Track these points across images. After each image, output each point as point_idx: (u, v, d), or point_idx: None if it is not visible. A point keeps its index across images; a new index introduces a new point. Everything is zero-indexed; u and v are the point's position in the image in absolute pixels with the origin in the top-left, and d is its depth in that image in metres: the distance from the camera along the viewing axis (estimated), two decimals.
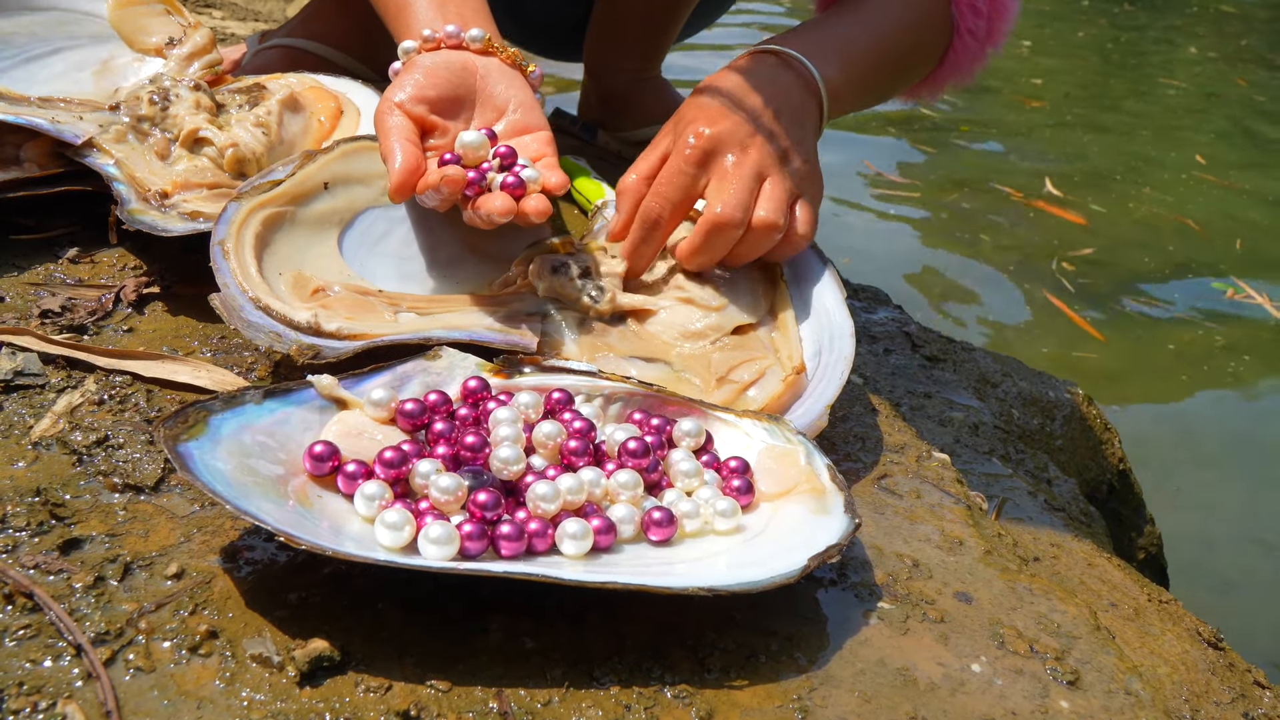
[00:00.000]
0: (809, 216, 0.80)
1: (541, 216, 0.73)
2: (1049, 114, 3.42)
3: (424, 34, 0.80)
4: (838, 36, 0.87)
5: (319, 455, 0.57)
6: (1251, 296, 2.23)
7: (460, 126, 0.80)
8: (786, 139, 0.79)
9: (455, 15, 0.82)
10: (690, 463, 0.62)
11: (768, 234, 0.77)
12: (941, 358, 1.02)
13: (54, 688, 0.47)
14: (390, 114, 0.76)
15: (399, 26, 0.84)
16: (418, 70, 0.79)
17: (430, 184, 0.72)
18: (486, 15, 0.84)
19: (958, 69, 0.97)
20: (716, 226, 0.76)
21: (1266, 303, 2.20)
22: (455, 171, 0.72)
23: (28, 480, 0.59)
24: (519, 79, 0.82)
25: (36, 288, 0.78)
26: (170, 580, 0.54)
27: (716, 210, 0.76)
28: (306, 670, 0.49)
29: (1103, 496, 1.07)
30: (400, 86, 0.78)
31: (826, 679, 0.54)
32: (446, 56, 0.80)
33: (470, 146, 0.75)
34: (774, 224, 0.77)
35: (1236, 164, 3.04)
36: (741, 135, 0.78)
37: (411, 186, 0.73)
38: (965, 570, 0.64)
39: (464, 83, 0.80)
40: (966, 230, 2.47)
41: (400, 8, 0.84)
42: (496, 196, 0.73)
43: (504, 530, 0.55)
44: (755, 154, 0.78)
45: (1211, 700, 0.67)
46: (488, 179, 0.74)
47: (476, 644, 0.53)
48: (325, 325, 0.68)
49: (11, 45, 0.94)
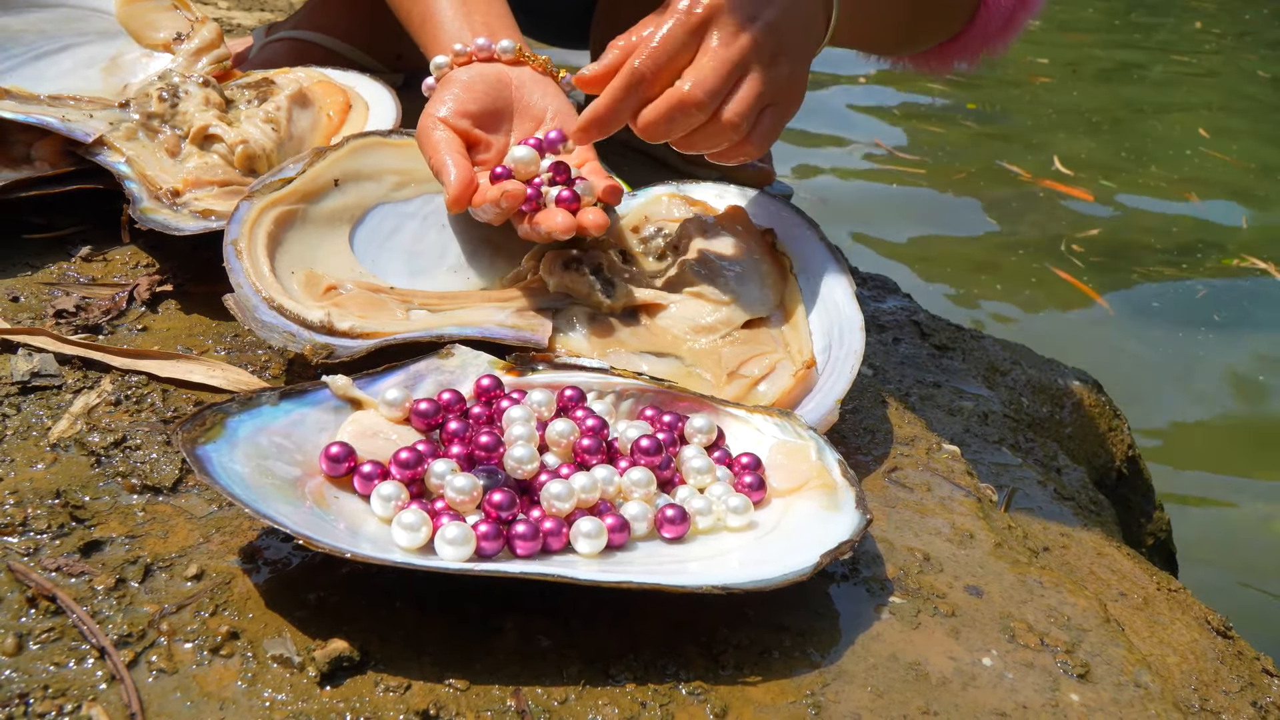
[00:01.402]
0: (770, 130, 0.74)
1: (601, 229, 0.74)
2: (1056, 90, 3.41)
3: (455, 48, 0.81)
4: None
5: (335, 456, 0.57)
6: (1256, 265, 2.23)
7: (501, 139, 0.81)
8: (783, 38, 0.74)
9: (482, 26, 0.82)
10: (702, 459, 0.63)
11: (724, 133, 0.72)
12: (950, 346, 1.02)
13: (79, 690, 0.48)
14: (435, 129, 0.77)
15: (426, 40, 0.84)
16: (455, 85, 0.79)
17: (490, 199, 0.73)
18: (512, 23, 0.84)
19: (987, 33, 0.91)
20: (682, 105, 0.71)
21: (1274, 269, 2.20)
22: (515, 187, 0.73)
23: (47, 482, 0.60)
24: (552, 86, 0.83)
25: (50, 287, 0.79)
26: (190, 581, 0.55)
27: (685, 88, 0.70)
28: (327, 670, 0.50)
29: (1112, 483, 1.08)
30: (441, 102, 0.79)
31: (839, 674, 0.55)
32: (481, 70, 0.81)
33: (522, 162, 0.76)
34: (734, 124, 0.72)
35: (1243, 138, 3.03)
36: (740, 15, 0.72)
37: (468, 199, 0.74)
38: (976, 564, 0.65)
39: (501, 95, 0.81)
40: (974, 209, 2.46)
41: (425, 18, 0.84)
42: (556, 213, 0.73)
43: (519, 530, 0.55)
44: (746, 41, 0.72)
45: (1220, 689, 0.67)
46: (543, 194, 0.75)
47: (493, 643, 0.53)
48: (338, 324, 0.69)
49: (20, 42, 0.95)
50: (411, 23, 0.86)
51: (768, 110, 0.74)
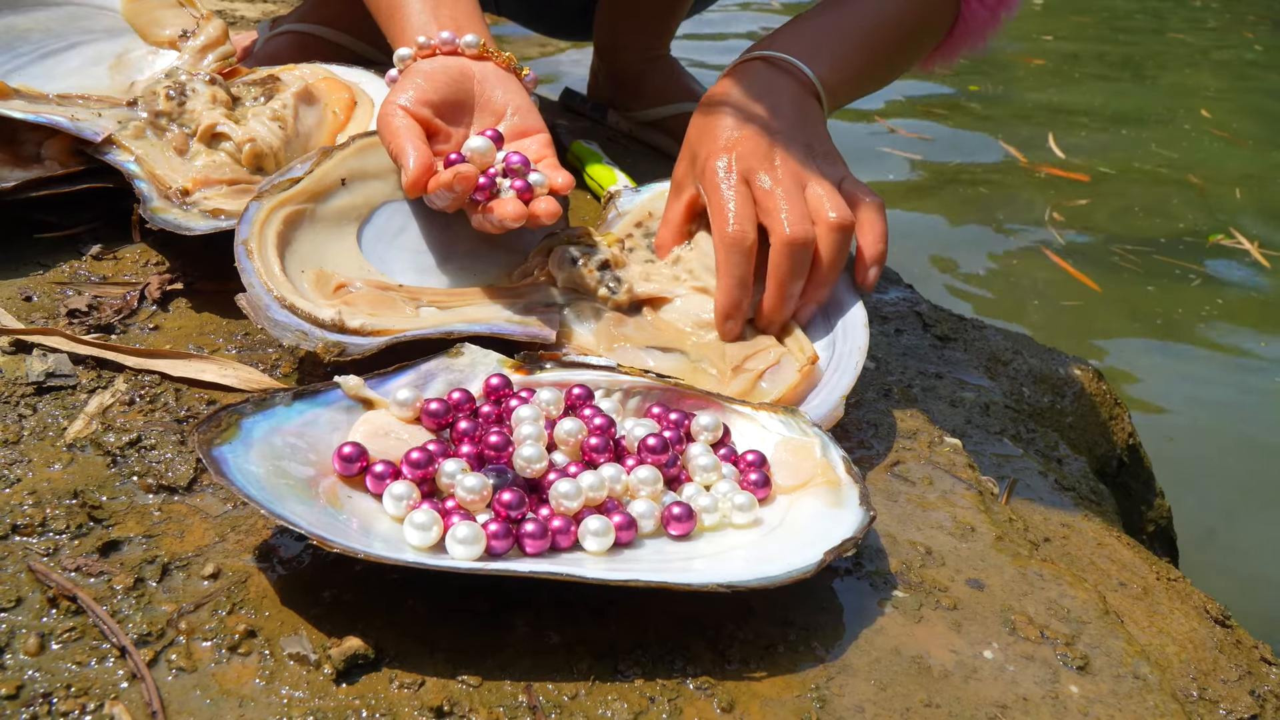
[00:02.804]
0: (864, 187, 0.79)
1: (552, 218, 0.74)
2: (1055, 71, 3.40)
3: (419, 40, 0.81)
4: (829, 31, 0.87)
5: (348, 456, 0.58)
6: (1240, 243, 2.23)
7: (461, 132, 0.81)
8: (803, 136, 0.79)
9: (449, 20, 0.83)
10: (708, 457, 0.64)
11: (843, 233, 0.76)
12: (953, 337, 1.03)
13: (100, 689, 0.49)
14: (395, 115, 0.77)
15: (393, 31, 0.84)
16: (418, 76, 0.80)
17: (443, 182, 0.73)
18: (479, 18, 0.85)
19: (969, 36, 0.96)
20: (792, 246, 0.75)
21: (1255, 249, 2.22)
22: (467, 168, 0.73)
23: (65, 482, 0.61)
24: (515, 83, 0.83)
25: (62, 286, 0.80)
26: (207, 580, 0.56)
27: (786, 232, 0.75)
28: (342, 668, 0.51)
29: (1113, 472, 1.09)
30: (402, 90, 0.79)
31: (843, 668, 0.56)
32: (444, 62, 0.81)
33: (478, 152, 0.76)
34: (843, 222, 0.76)
35: (1241, 118, 3.03)
36: (763, 150, 0.78)
37: (425, 183, 0.74)
38: (977, 557, 0.66)
39: (463, 88, 0.81)
40: (971, 191, 2.47)
41: (393, 10, 0.84)
42: (507, 202, 0.74)
43: (528, 528, 0.56)
44: (785, 164, 0.78)
45: (1219, 678, 0.69)
46: (496, 184, 0.76)
47: (504, 639, 0.54)
48: (349, 322, 0.70)
49: (28, 41, 0.95)
50: (380, 14, 0.86)
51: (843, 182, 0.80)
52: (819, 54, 0.84)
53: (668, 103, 1.30)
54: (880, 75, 0.95)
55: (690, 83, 1.33)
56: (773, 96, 0.81)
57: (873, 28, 0.89)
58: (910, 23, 0.92)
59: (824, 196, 0.77)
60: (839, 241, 0.77)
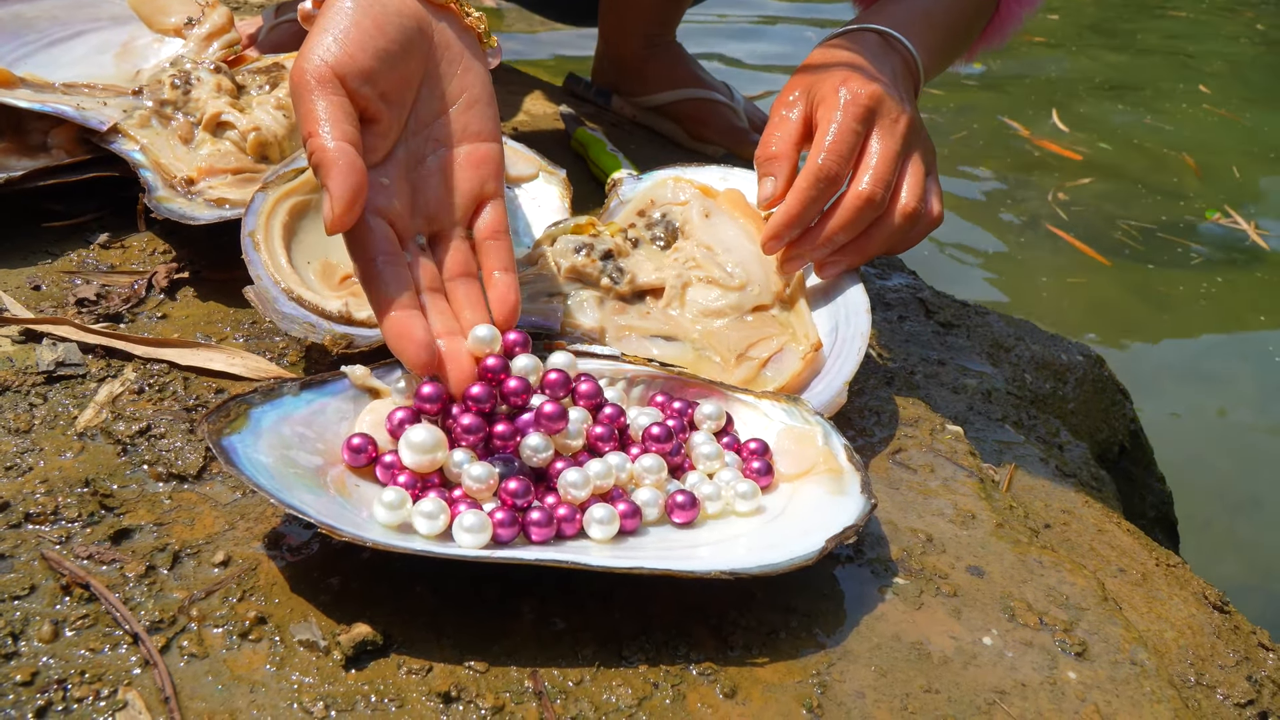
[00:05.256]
0: (939, 196, 0.79)
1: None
2: (1058, 48, 3.39)
3: None
4: (917, 12, 0.87)
5: (357, 447, 0.59)
6: (1238, 223, 2.24)
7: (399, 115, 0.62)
8: (915, 113, 0.79)
9: None
10: (712, 445, 0.65)
11: (910, 220, 0.76)
12: (955, 323, 1.03)
13: (114, 675, 0.50)
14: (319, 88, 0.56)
15: None
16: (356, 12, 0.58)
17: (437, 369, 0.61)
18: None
19: (1002, 32, 0.97)
20: (868, 203, 0.74)
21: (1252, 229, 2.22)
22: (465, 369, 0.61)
23: (76, 471, 0.62)
24: (476, 62, 0.65)
25: (71, 275, 0.80)
26: (218, 568, 0.57)
27: (863, 186, 0.73)
28: (351, 654, 0.52)
29: (1114, 457, 1.09)
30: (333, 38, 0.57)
31: (844, 654, 0.57)
32: (397, 5, 0.60)
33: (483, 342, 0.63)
34: (916, 212, 0.76)
35: (1241, 95, 3.03)
36: (893, 102, 0.76)
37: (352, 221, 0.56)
38: (977, 544, 0.67)
39: (416, 49, 0.61)
40: (974, 169, 2.47)
41: None
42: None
43: (534, 517, 0.57)
44: (904, 128, 0.76)
45: (1216, 664, 0.69)
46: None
47: (510, 626, 0.55)
48: (356, 314, 0.70)
49: (34, 29, 0.96)
50: None
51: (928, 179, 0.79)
52: (919, 33, 0.84)
53: (672, 88, 1.31)
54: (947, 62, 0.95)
55: (696, 69, 1.33)
56: (890, 67, 0.80)
57: (952, 10, 0.89)
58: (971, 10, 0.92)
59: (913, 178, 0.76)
60: (903, 228, 0.76)
